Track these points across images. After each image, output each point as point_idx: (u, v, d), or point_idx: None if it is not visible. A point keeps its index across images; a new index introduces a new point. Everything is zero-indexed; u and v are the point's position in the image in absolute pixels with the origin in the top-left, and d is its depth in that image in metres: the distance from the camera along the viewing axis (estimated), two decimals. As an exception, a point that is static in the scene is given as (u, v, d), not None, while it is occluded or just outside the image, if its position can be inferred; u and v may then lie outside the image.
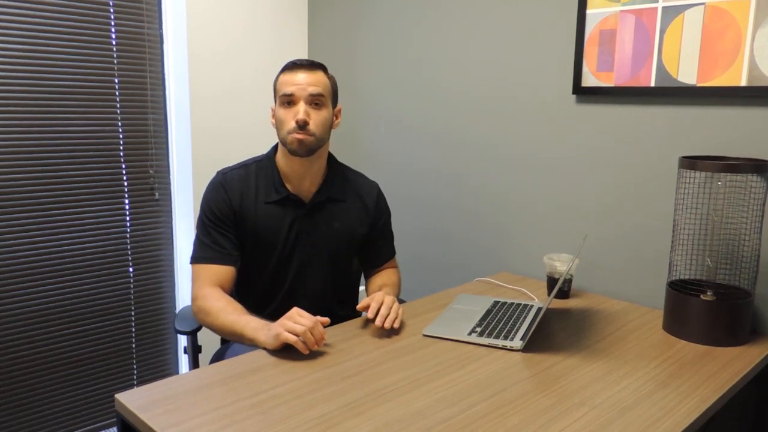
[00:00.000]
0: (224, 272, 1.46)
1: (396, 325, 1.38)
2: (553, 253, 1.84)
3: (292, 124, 1.43)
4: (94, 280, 2.15)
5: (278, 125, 1.48)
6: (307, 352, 1.23)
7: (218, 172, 1.55)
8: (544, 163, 1.85)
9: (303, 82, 1.44)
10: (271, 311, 1.52)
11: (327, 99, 1.48)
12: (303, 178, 1.52)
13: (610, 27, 1.65)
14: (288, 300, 1.53)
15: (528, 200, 1.91)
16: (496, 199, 1.99)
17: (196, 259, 1.48)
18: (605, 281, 1.76)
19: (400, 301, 1.62)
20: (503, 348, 1.32)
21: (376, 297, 1.42)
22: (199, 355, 1.61)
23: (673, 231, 1.49)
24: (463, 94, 2.03)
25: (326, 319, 1.28)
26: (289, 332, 1.22)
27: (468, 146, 2.04)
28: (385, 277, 1.67)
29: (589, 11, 1.68)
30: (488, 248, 2.03)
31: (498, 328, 1.41)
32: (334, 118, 1.53)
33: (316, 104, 1.46)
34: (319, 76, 1.47)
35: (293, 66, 1.47)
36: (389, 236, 1.72)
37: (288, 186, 1.52)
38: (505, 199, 1.96)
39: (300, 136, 1.43)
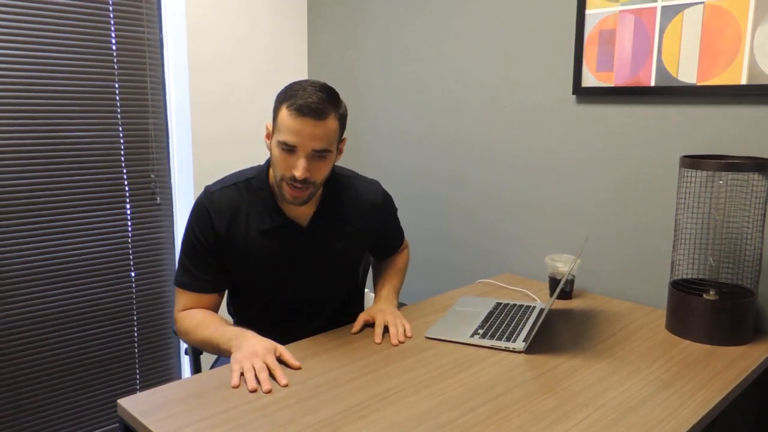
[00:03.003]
0: (206, 300, 1.38)
1: (408, 334, 1.39)
2: (555, 253, 1.84)
3: (289, 174, 1.28)
4: (96, 285, 2.15)
5: (274, 163, 1.31)
6: (235, 383, 1.13)
7: (205, 190, 1.39)
8: (545, 164, 1.85)
9: (308, 135, 1.24)
10: (268, 327, 1.43)
11: (333, 146, 1.31)
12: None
13: (609, 27, 1.65)
14: (288, 318, 1.47)
15: (529, 201, 1.90)
16: (497, 201, 1.98)
17: (178, 283, 1.39)
18: (607, 281, 1.75)
19: (401, 305, 1.62)
20: (506, 350, 1.32)
21: (377, 322, 1.39)
22: (201, 356, 1.61)
23: (675, 230, 1.48)
24: (463, 95, 2.03)
25: (280, 384, 1.14)
26: (241, 366, 1.16)
27: (469, 148, 2.04)
28: (390, 262, 1.63)
29: (588, 11, 1.68)
30: (490, 250, 2.02)
31: (501, 330, 1.41)
32: (339, 153, 1.36)
33: (321, 158, 1.29)
34: (329, 125, 1.26)
35: (300, 112, 1.24)
36: (396, 228, 1.64)
37: (284, 210, 1.38)
38: (507, 200, 1.96)
39: (296, 193, 1.29)
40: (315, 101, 1.24)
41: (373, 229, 1.52)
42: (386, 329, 1.40)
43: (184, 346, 2.18)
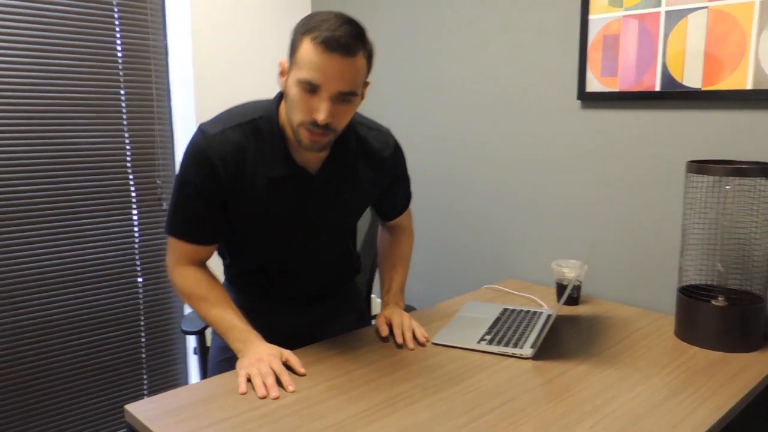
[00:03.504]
0: (202, 252, 1.29)
1: (426, 334, 1.39)
2: (562, 259, 1.84)
3: (309, 119, 1.13)
4: (103, 291, 2.15)
5: (290, 104, 1.16)
6: (242, 389, 1.13)
7: (202, 133, 1.21)
8: (550, 169, 1.85)
9: (334, 73, 1.09)
10: (265, 284, 1.40)
11: (359, 89, 1.16)
12: None
13: (613, 32, 1.65)
14: (286, 274, 1.39)
15: (535, 207, 1.90)
16: (503, 206, 1.98)
17: (172, 232, 1.27)
18: (615, 287, 1.74)
19: (409, 309, 1.61)
20: (513, 356, 1.32)
21: (394, 323, 1.39)
22: (208, 355, 1.60)
23: (683, 236, 1.48)
24: (467, 100, 2.03)
25: (287, 390, 1.13)
26: (247, 372, 1.16)
27: (474, 153, 2.04)
28: (397, 252, 1.54)
29: (591, 17, 1.68)
30: (496, 255, 2.02)
31: (507, 336, 1.40)
32: (361, 98, 1.20)
33: (345, 101, 1.14)
34: (357, 64, 1.11)
35: (327, 46, 1.08)
36: (405, 185, 1.50)
37: (294, 156, 1.24)
38: (512, 205, 1.96)
39: (316, 138, 1.15)
40: (343, 35, 1.08)
41: (383, 182, 1.40)
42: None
43: (192, 345, 2.17)
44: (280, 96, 1.24)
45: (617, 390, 1.16)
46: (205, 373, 1.69)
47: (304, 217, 1.30)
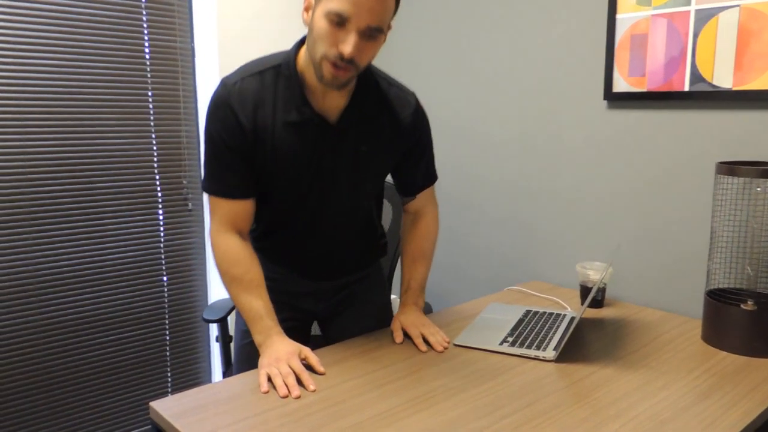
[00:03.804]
0: (243, 208, 1.27)
1: (447, 339, 1.39)
2: (586, 261, 1.81)
3: (334, 52, 1.11)
4: (129, 289, 2.19)
5: (315, 38, 1.13)
6: (264, 388, 1.15)
7: (223, 84, 1.22)
8: (575, 170, 1.83)
9: (365, 5, 1.07)
10: (281, 245, 1.39)
11: (386, 26, 1.14)
12: (331, 92, 1.22)
13: (641, 31, 1.62)
14: (303, 235, 1.37)
15: (560, 208, 1.88)
16: (527, 207, 1.97)
17: (211, 191, 1.26)
18: (640, 290, 1.72)
19: (428, 310, 1.58)
20: (536, 358, 1.30)
21: (412, 333, 1.37)
22: (231, 344, 1.62)
23: (711, 238, 1.45)
24: (492, 99, 2.02)
25: (308, 390, 1.15)
26: (267, 372, 1.17)
27: (499, 152, 2.03)
28: (420, 246, 1.48)
29: (619, 16, 1.66)
30: (519, 257, 2.01)
31: (530, 338, 1.39)
32: (383, 40, 1.19)
33: (372, 37, 1.12)
34: (388, 0, 1.10)
35: None
36: (428, 159, 1.43)
37: (312, 102, 1.23)
38: (537, 206, 1.94)
39: (338, 73, 1.13)
40: None
41: (402, 144, 1.36)
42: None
43: (215, 333, 2.20)
44: (299, 45, 1.24)
45: (642, 394, 1.14)
46: (227, 360, 1.71)
47: (323, 167, 1.27)
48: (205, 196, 2.29)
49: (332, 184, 1.30)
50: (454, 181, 2.17)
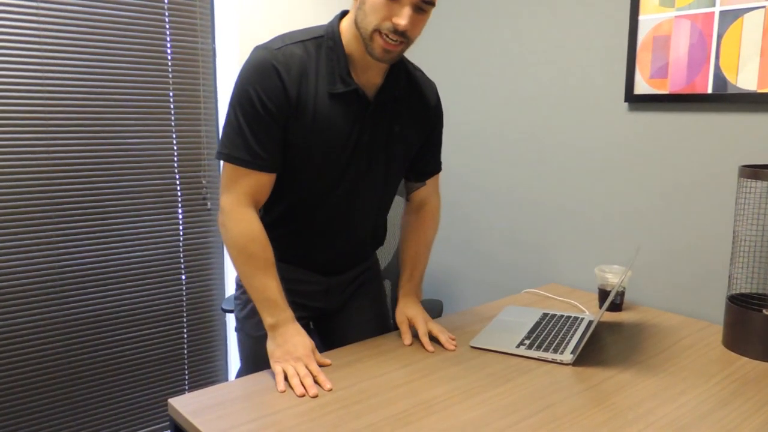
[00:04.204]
0: (264, 182, 1.21)
1: (453, 338, 1.38)
2: (605, 264, 1.80)
3: (388, 25, 1.11)
4: (149, 288, 2.22)
5: (367, 11, 1.12)
6: (281, 387, 1.15)
7: (262, 48, 1.18)
8: (595, 172, 1.81)
9: None
10: (297, 234, 1.33)
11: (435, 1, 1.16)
12: (370, 69, 1.22)
13: (663, 33, 1.61)
14: (327, 224, 1.32)
15: (578, 210, 1.87)
16: (545, 209, 1.95)
17: (232, 159, 1.18)
18: (660, 294, 1.70)
19: (436, 304, 1.56)
20: (553, 361, 1.30)
21: (420, 330, 1.36)
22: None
23: (733, 243, 1.43)
24: (513, 102, 2.01)
25: (324, 388, 1.15)
26: (283, 369, 1.17)
27: (517, 154, 2.02)
28: (421, 235, 1.46)
29: (641, 17, 1.65)
30: (537, 259, 1.99)
31: (547, 341, 1.38)
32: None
33: (423, 10, 1.13)
34: None
35: None
36: (438, 147, 1.46)
37: (353, 75, 1.22)
38: (555, 208, 1.93)
39: (390, 46, 1.13)
40: None
41: (425, 129, 1.38)
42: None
43: (233, 323, 2.19)
44: (340, 16, 1.24)
45: (661, 399, 1.13)
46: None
47: (360, 145, 1.25)
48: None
49: (367, 165, 1.28)
50: (473, 182, 2.16)
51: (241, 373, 1.50)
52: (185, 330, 2.33)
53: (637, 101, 1.69)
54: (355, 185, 1.29)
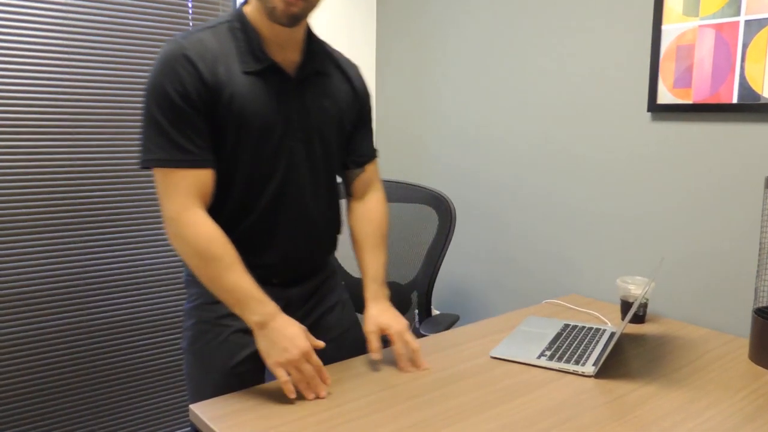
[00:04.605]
0: (204, 178, 1.15)
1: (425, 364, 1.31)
2: (627, 275, 1.78)
3: None
4: (170, 293, 2.24)
5: None
6: (293, 395, 1.12)
7: (170, 42, 1.14)
8: (617, 182, 1.80)
9: None
10: (248, 236, 1.23)
11: None
12: (285, 46, 1.20)
13: (687, 42, 1.59)
14: (272, 207, 1.24)
15: (600, 220, 1.85)
16: (566, 218, 1.94)
17: (162, 162, 1.11)
18: (684, 306, 1.67)
19: (450, 318, 1.54)
20: (574, 373, 1.28)
21: (395, 341, 1.27)
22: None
23: (759, 254, 1.40)
24: (535, 111, 2.01)
25: (327, 384, 1.14)
26: (285, 369, 1.12)
27: (539, 164, 2.01)
28: (375, 225, 1.39)
29: (664, 26, 1.63)
30: (558, 269, 1.98)
31: (569, 353, 1.37)
32: None
33: None
34: None
35: None
36: (371, 130, 1.42)
37: (269, 53, 1.20)
38: (576, 218, 1.91)
39: (293, 9, 1.10)
40: None
41: (356, 106, 1.35)
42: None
43: None
44: (243, 4, 1.22)
45: (686, 413, 1.11)
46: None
47: (289, 124, 1.22)
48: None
49: (303, 146, 1.24)
50: (494, 193, 2.16)
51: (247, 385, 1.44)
52: (205, 336, 2.35)
53: (660, 111, 1.67)
54: (295, 169, 1.24)
